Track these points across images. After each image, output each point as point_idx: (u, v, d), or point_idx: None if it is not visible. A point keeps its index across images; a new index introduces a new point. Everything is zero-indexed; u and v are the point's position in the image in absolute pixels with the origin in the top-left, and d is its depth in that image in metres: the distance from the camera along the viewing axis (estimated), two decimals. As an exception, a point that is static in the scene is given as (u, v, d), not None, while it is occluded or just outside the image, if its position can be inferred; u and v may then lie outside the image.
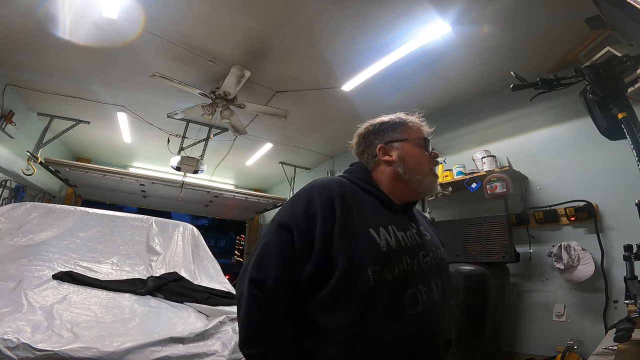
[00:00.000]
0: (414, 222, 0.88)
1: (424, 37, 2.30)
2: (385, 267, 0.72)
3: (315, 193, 0.78)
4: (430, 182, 0.89)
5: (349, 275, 0.71)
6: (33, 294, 1.68)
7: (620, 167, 2.00)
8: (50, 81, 3.33)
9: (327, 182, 0.83)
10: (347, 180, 0.87)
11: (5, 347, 1.18)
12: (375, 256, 0.73)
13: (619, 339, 0.95)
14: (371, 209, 0.82)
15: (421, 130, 0.94)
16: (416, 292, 0.74)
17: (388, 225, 0.79)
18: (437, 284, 0.80)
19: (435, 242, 0.91)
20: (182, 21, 2.38)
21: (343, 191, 0.80)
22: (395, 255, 0.75)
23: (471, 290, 2.22)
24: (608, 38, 2.00)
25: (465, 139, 3.06)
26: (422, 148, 0.91)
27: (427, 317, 0.75)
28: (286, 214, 0.78)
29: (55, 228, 2.47)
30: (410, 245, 0.80)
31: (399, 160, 0.88)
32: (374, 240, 0.75)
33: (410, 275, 0.75)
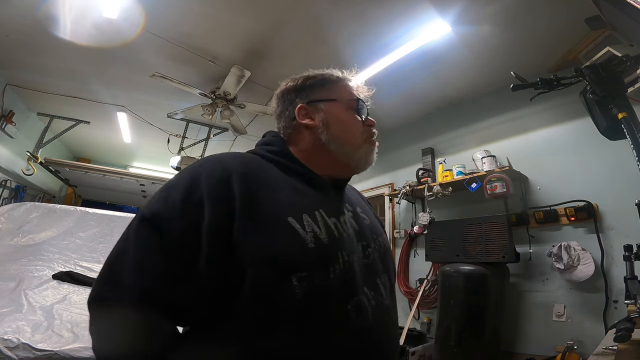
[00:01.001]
0: (348, 203, 0.69)
1: (424, 37, 2.30)
2: (315, 270, 0.52)
3: (203, 172, 0.55)
4: (364, 155, 0.70)
5: (264, 288, 0.50)
6: (33, 294, 1.68)
7: (620, 167, 2.00)
8: (50, 81, 3.33)
9: (223, 157, 0.60)
10: (256, 155, 0.66)
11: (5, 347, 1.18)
12: (300, 257, 0.52)
13: (619, 339, 0.95)
14: (290, 191, 0.60)
15: (356, 90, 0.74)
16: (362, 299, 0.57)
17: (314, 210, 0.58)
18: (384, 282, 0.64)
19: (376, 227, 0.73)
20: (182, 21, 2.38)
21: (246, 169, 0.58)
22: (328, 252, 0.55)
23: (471, 290, 2.22)
24: (608, 38, 2.00)
25: (465, 139, 3.06)
26: (353, 111, 0.71)
27: (379, 328, 0.58)
28: (156, 202, 0.54)
29: (55, 228, 2.47)
30: (346, 235, 0.61)
31: (322, 125, 0.68)
32: (296, 233, 0.53)
33: (351, 276, 0.57)
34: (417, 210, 3.17)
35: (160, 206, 0.53)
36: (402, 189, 3.09)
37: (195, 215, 0.51)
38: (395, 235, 3.41)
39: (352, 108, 0.71)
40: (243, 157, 0.62)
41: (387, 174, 3.73)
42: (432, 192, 2.81)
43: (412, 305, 2.81)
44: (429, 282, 2.85)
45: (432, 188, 2.83)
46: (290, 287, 0.50)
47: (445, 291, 2.37)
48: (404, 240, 3.28)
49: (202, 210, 0.51)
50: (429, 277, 2.89)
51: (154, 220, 0.52)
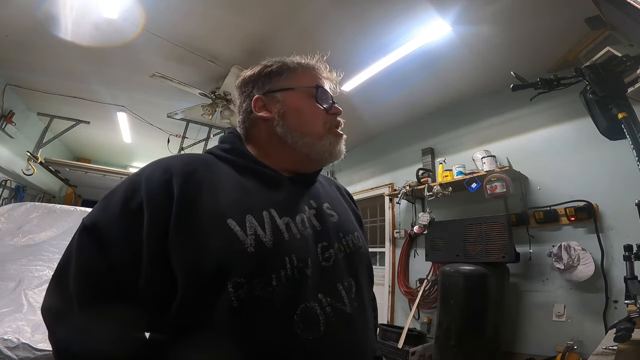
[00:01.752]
0: (313, 200, 0.64)
1: (424, 37, 2.30)
2: (254, 277, 0.48)
3: (143, 178, 0.53)
4: (328, 146, 0.64)
5: (197, 294, 0.47)
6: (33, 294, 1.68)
7: (620, 167, 2.00)
8: (50, 81, 3.33)
9: (167, 160, 0.57)
10: (210, 154, 0.63)
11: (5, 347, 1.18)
12: (235, 262, 0.48)
13: (619, 339, 0.95)
14: (237, 190, 0.56)
15: (316, 75, 0.68)
16: (313, 306, 0.51)
17: (263, 210, 0.54)
18: (348, 287, 0.57)
19: (346, 224, 0.66)
20: (182, 21, 2.38)
21: (189, 169, 0.55)
22: (273, 256, 0.51)
23: (471, 290, 2.22)
24: (608, 38, 2.00)
25: (465, 139, 3.06)
26: (312, 99, 0.65)
27: (335, 338, 0.52)
28: (97, 210, 0.53)
29: (55, 228, 2.47)
30: (300, 236, 0.55)
31: (278, 117, 0.64)
32: (234, 236, 0.49)
33: (300, 283, 0.51)
34: (417, 210, 3.17)
35: (100, 214, 0.52)
36: (402, 189, 3.09)
37: (134, 222, 0.49)
38: (395, 235, 3.41)
39: (311, 96, 0.66)
40: (190, 157, 0.59)
41: (387, 174, 3.73)
42: (432, 192, 2.81)
43: (412, 305, 2.81)
44: (429, 282, 2.85)
45: (432, 188, 2.83)
46: (226, 295, 0.46)
47: (445, 291, 2.37)
48: (404, 240, 3.28)
49: (141, 216, 0.49)
50: (429, 277, 2.89)
51: (93, 228, 0.50)
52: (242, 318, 0.47)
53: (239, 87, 0.70)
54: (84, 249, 0.50)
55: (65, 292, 0.49)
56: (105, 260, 0.48)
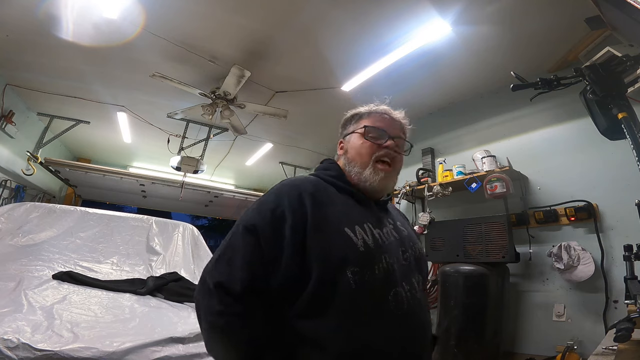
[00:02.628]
0: (390, 218, 0.85)
1: (424, 37, 2.30)
2: (364, 267, 0.69)
3: (284, 192, 0.74)
4: (369, 175, 0.82)
5: (328, 278, 0.67)
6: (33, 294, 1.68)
7: (620, 167, 2.00)
8: (50, 81, 3.33)
9: (297, 180, 0.80)
10: (319, 178, 0.83)
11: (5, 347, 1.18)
12: (353, 257, 0.69)
13: (619, 339, 0.95)
14: (345, 207, 0.77)
15: (372, 118, 0.89)
16: (400, 291, 0.71)
17: (364, 223, 0.75)
18: (418, 280, 0.79)
19: (412, 237, 0.88)
20: (182, 21, 2.38)
21: (314, 189, 0.76)
22: (374, 254, 0.71)
23: (471, 291, 2.22)
24: (608, 38, 2.00)
25: (465, 139, 3.06)
26: (362, 137, 0.86)
27: (413, 316, 0.72)
28: (253, 215, 0.73)
29: (55, 228, 2.47)
30: (388, 242, 0.76)
31: (344, 153, 0.88)
32: (350, 239, 0.70)
33: (392, 274, 0.72)
34: (417, 210, 3.17)
35: (256, 218, 0.72)
36: (402, 189, 3.09)
37: (280, 223, 0.69)
38: (395, 235, 3.41)
39: (361, 134, 0.86)
40: (310, 180, 0.81)
41: (387, 174, 3.73)
42: (432, 192, 2.81)
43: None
44: (429, 282, 2.85)
45: (432, 188, 2.83)
46: (346, 279, 0.66)
47: (445, 291, 2.37)
48: (404, 240, 3.28)
49: (284, 220, 0.69)
50: (429, 277, 2.89)
51: (253, 228, 0.70)
52: (358, 295, 0.66)
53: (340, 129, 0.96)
54: (247, 241, 0.69)
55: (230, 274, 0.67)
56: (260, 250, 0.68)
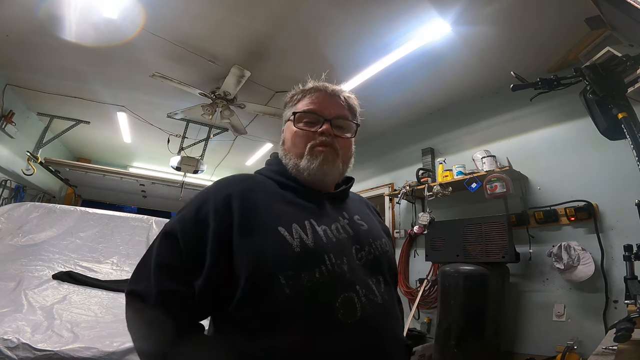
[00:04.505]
0: (345, 212, 0.76)
1: (424, 37, 2.29)
2: (301, 270, 0.60)
3: (210, 194, 0.68)
4: (306, 164, 0.72)
5: (257, 285, 0.59)
6: (33, 294, 1.68)
7: (620, 167, 2.00)
8: (50, 81, 3.33)
9: (227, 179, 0.73)
10: (261, 174, 0.77)
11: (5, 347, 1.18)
12: (287, 259, 0.60)
13: (619, 339, 0.95)
14: (284, 205, 0.69)
15: (305, 100, 0.77)
16: (351, 296, 0.62)
17: (305, 220, 0.66)
18: (377, 282, 0.69)
19: (374, 232, 0.78)
20: (182, 21, 2.38)
21: (245, 187, 0.69)
22: (315, 254, 0.62)
23: (471, 290, 2.22)
24: (608, 38, 2.00)
25: (465, 139, 3.06)
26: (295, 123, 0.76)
27: (370, 324, 0.62)
28: (175, 220, 0.68)
29: (55, 228, 2.47)
30: (336, 240, 0.67)
31: (282, 144, 0.80)
32: (284, 239, 0.62)
33: (339, 276, 0.62)
34: (417, 210, 3.17)
35: (178, 222, 0.66)
36: (402, 189, 3.09)
37: (203, 228, 0.63)
38: (395, 235, 3.41)
39: (291, 121, 0.76)
40: (246, 177, 0.74)
41: (387, 174, 3.73)
42: (432, 192, 2.81)
43: (412, 305, 2.81)
44: (429, 282, 2.85)
45: (432, 188, 2.83)
46: (279, 285, 0.58)
47: (445, 291, 2.37)
48: (404, 240, 3.28)
49: (207, 224, 0.63)
50: (429, 277, 2.89)
51: (172, 233, 0.65)
52: (294, 303, 0.58)
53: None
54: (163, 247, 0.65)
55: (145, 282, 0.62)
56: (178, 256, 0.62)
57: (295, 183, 0.73)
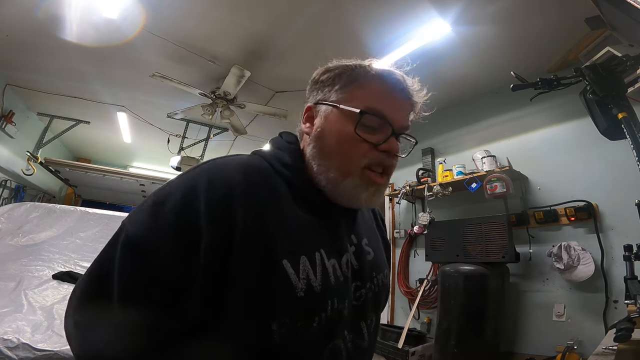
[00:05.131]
0: (354, 235, 0.59)
1: (424, 37, 2.29)
2: (299, 319, 0.47)
3: (200, 186, 0.46)
4: (350, 189, 0.53)
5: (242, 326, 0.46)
6: (33, 294, 1.68)
7: (620, 167, 2.00)
8: (50, 81, 3.33)
9: (223, 165, 0.50)
10: (266, 161, 0.54)
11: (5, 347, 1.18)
12: (286, 304, 0.46)
13: (619, 339, 0.95)
14: (294, 222, 0.50)
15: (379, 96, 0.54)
16: (339, 344, 0.52)
17: (315, 251, 0.50)
18: (369, 324, 0.58)
19: (378, 263, 0.63)
20: (182, 21, 2.38)
21: (249, 182, 0.48)
22: (319, 301, 0.49)
23: (471, 290, 2.22)
24: (608, 38, 2.00)
25: (465, 139, 3.06)
26: (351, 124, 0.52)
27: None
28: (145, 219, 0.46)
29: (55, 228, 2.47)
30: (343, 279, 0.53)
31: (314, 135, 0.55)
32: (287, 280, 0.46)
33: (335, 323, 0.51)
34: (417, 210, 3.17)
35: (149, 227, 0.45)
36: (402, 189, 3.09)
37: (189, 240, 0.43)
38: (395, 235, 3.40)
39: (352, 119, 0.52)
40: (249, 167, 0.51)
41: (387, 174, 3.73)
42: (432, 192, 2.81)
43: (412, 305, 2.81)
44: (429, 282, 2.85)
45: (432, 188, 2.83)
46: (269, 332, 0.45)
47: (445, 291, 2.37)
48: (404, 240, 3.28)
49: (198, 234, 0.43)
50: (429, 277, 2.89)
51: (139, 247, 0.44)
52: (281, 352, 0.46)
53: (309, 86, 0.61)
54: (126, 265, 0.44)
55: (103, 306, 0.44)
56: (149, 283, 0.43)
57: (312, 192, 0.54)
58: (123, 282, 0.43)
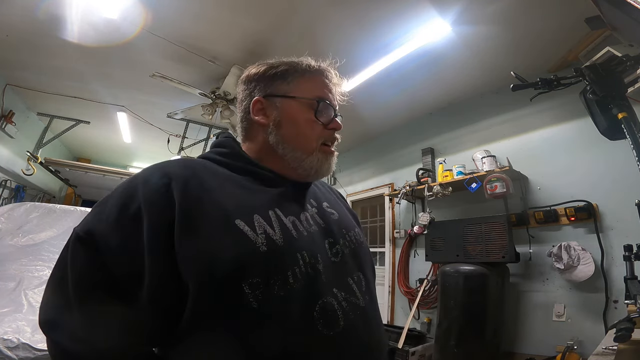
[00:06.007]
0: (312, 199, 0.65)
1: (424, 37, 2.29)
2: (271, 276, 0.47)
3: (139, 182, 0.51)
4: (315, 163, 0.62)
5: (212, 300, 0.45)
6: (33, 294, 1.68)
7: (620, 167, 2.00)
8: (50, 81, 3.33)
9: (162, 164, 0.55)
10: (206, 159, 0.61)
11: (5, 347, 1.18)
12: (251, 261, 0.47)
13: (619, 339, 0.95)
14: (241, 192, 0.55)
15: (322, 84, 0.65)
16: (330, 301, 0.51)
17: (269, 209, 0.53)
18: (357, 281, 0.58)
19: (346, 221, 0.67)
20: (182, 21, 2.38)
21: (189, 173, 0.53)
22: (285, 253, 0.50)
23: (471, 290, 2.22)
24: (608, 38, 2.00)
25: (465, 139, 3.06)
26: (311, 112, 0.62)
27: (353, 333, 0.52)
28: (91, 218, 0.50)
29: (55, 228, 2.47)
30: (307, 233, 0.55)
31: (274, 125, 0.62)
32: (244, 236, 0.48)
33: (315, 279, 0.51)
34: (417, 210, 3.17)
35: (94, 222, 0.49)
36: (402, 189, 3.09)
37: (132, 229, 0.46)
38: (395, 235, 3.41)
39: (311, 107, 0.62)
40: (187, 162, 0.57)
41: (387, 174, 3.73)
42: (432, 192, 2.81)
43: (412, 305, 2.81)
44: (429, 282, 2.85)
45: (432, 188, 2.83)
46: (243, 297, 0.44)
47: (445, 291, 2.37)
48: (404, 240, 3.28)
49: (139, 223, 0.46)
50: (429, 277, 2.89)
51: (87, 238, 0.47)
52: (264, 319, 0.45)
53: (243, 82, 0.67)
54: (78, 260, 0.47)
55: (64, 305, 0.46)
56: (102, 271, 0.45)
57: (253, 166, 0.61)
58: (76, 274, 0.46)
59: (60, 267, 0.49)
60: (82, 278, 0.46)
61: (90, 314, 0.45)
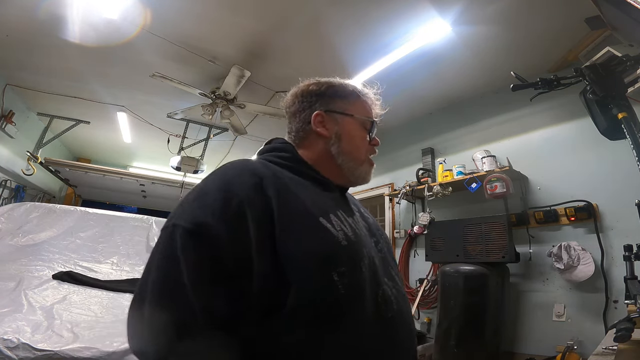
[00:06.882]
0: (353, 205, 0.74)
1: (424, 37, 2.30)
2: (351, 266, 0.55)
3: (232, 177, 0.55)
4: (363, 173, 0.74)
5: (310, 287, 0.50)
6: (33, 294, 1.68)
7: (620, 167, 2.00)
8: (50, 81, 3.33)
9: (246, 163, 0.59)
10: (269, 162, 0.65)
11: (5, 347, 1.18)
12: (337, 254, 0.54)
13: (619, 339, 0.95)
14: (312, 193, 0.62)
15: (372, 109, 0.78)
16: (386, 289, 0.61)
17: (337, 210, 0.61)
18: (396, 272, 0.69)
19: (378, 225, 0.78)
20: (182, 21, 2.38)
21: (271, 174, 0.58)
22: (358, 248, 0.58)
23: (471, 290, 2.22)
24: (608, 38, 2.00)
25: (465, 139, 3.06)
26: (365, 131, 0.74)
27: (402, 316, 0.62)
28: (194, 211, 0.51)
29: (55, 228, 2.47)
30: (362, 233, 0.64)
31: (335, 138, 0.71)
32: (329, 232, 0.55)
33: (375, 270, 0.61)
34: (417, 210, 3.17)
35: (200, 214, 0.50)
36: (402, 189, 3.09)
37: (239, 224, 0.49)
38: (395, 235, 3.41)
39: (365, 127, 0.75)
40: (261, 162, 0.63)
41: (387, 174, 3.73)
42: (432, 192, 2.81)
43: (412, 305, 2.81)
44: (429, 282, 2.85)
45: (432, 188, 2.83)
46: (333, 284, 0.51)
47: (445, 291, 2.37)
48: (404, 240, 3.28)
49: (244, 219, 0.49)
50: (429, 277, 2.89)
51: (199, 229, 0.48)
52: (348, 303, 0.53)
53: (300, 95, 0.75)
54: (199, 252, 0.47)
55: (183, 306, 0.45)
56: (220, 265, 0.47)
57: (314, 172, 0.67)
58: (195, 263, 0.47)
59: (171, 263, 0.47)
60: (203, 271, 0.47)
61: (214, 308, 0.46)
